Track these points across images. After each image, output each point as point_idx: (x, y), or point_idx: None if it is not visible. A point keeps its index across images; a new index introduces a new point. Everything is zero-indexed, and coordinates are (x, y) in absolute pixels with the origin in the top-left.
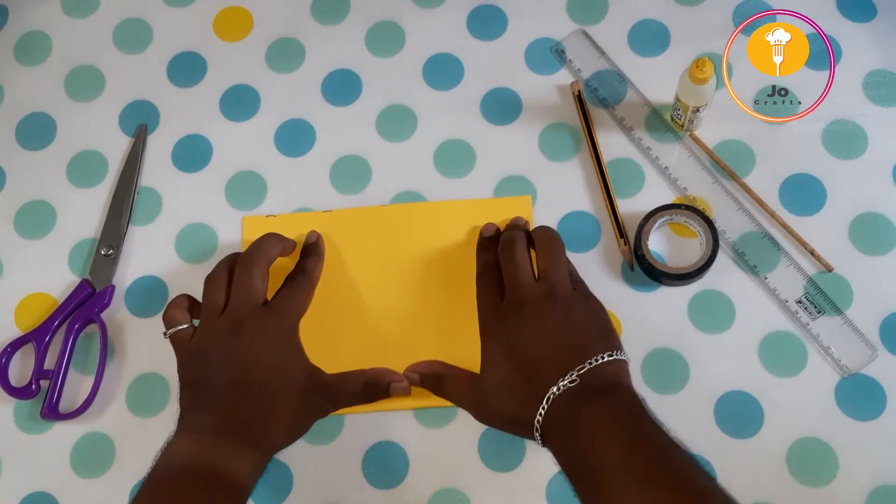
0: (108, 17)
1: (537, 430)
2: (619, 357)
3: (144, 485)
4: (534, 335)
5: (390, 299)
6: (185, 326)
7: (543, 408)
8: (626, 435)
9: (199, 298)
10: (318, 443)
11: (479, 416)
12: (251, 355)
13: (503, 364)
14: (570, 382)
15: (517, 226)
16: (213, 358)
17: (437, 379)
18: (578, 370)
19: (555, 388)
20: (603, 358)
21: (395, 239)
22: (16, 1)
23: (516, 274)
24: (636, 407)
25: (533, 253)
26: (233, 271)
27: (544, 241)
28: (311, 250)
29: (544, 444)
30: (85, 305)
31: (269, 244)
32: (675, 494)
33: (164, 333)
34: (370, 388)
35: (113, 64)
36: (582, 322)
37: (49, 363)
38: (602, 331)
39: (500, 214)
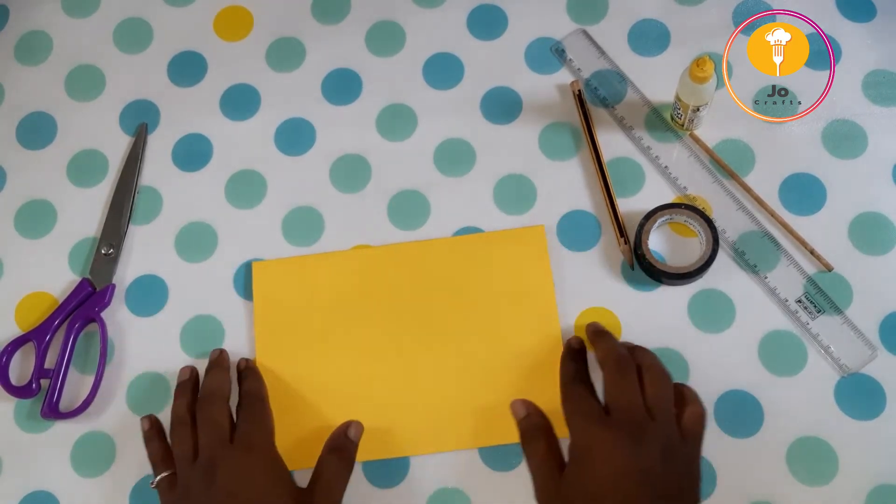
0: (108, 16)
1: None
2: None
3: None
4: (636, 462)
5: (404, 339)
6: (166, 474)
7: None
8: None
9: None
10: None
11: (541, 499)
12: (235, 499)
13: (594, 476)
14: None
15: (614, 340)
16: None
17: (537, 430)
18: None
19: None
20: None
21: (406, 277)
22: (16, 1)
23: (631, 399)
24: None
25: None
26: (194, 411)
27: (656, 374)
28: (245, 373)
29: None
30: (85, 304)
31: (221, 380)
32: None
33: (151, 483)
34: (336, 451)
35: (113, 63)
36: (683, 474)
37: (49, 362)
38: (694, 487)
39: (514, 246)
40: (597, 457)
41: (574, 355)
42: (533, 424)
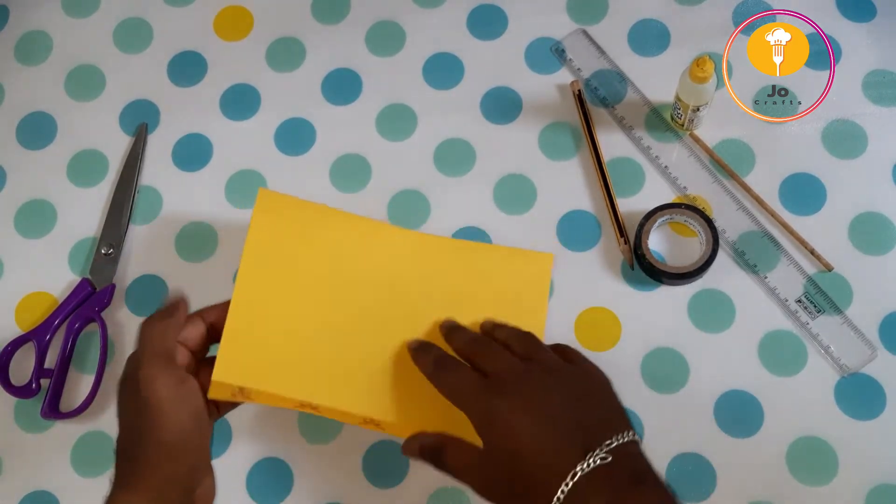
0: (108, 16)
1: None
2: (635, 438)
3: None
4: (542, 408)
5: (379, 322)
6: None
7: (567, 484)
8: None
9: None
10: (318, 443)
11: (484, 493)
12: None
13: (510, 439)
14: (601, 459)
15: (469, 330)
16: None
17: (436, 449)
18: (607, 445)
19: (583, 465)
20: (626, 436)
21: (404, 262)
22: (16, 1)
23: (500, 358)
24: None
25: None
26: None
27: (519, 335)
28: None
29: None
30: (85, 304)
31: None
32: None
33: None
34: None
35: (113, 63)
36: (592, 395)
37: (49, 362)
38: (615, 405)
39: (518, 265)
40: (501, 425)
41: (422, 347)
42: (432, 448)
